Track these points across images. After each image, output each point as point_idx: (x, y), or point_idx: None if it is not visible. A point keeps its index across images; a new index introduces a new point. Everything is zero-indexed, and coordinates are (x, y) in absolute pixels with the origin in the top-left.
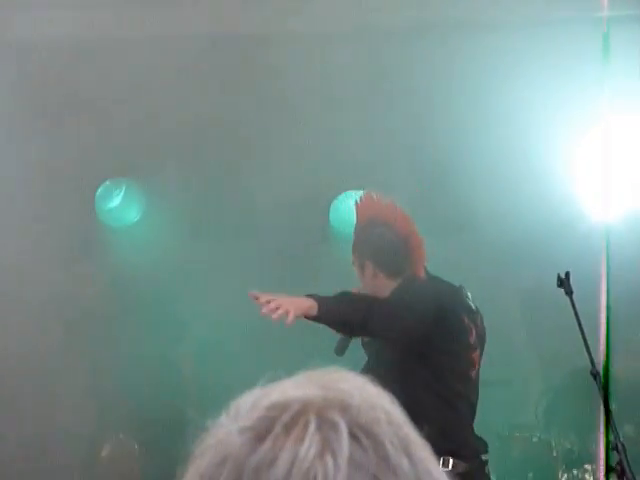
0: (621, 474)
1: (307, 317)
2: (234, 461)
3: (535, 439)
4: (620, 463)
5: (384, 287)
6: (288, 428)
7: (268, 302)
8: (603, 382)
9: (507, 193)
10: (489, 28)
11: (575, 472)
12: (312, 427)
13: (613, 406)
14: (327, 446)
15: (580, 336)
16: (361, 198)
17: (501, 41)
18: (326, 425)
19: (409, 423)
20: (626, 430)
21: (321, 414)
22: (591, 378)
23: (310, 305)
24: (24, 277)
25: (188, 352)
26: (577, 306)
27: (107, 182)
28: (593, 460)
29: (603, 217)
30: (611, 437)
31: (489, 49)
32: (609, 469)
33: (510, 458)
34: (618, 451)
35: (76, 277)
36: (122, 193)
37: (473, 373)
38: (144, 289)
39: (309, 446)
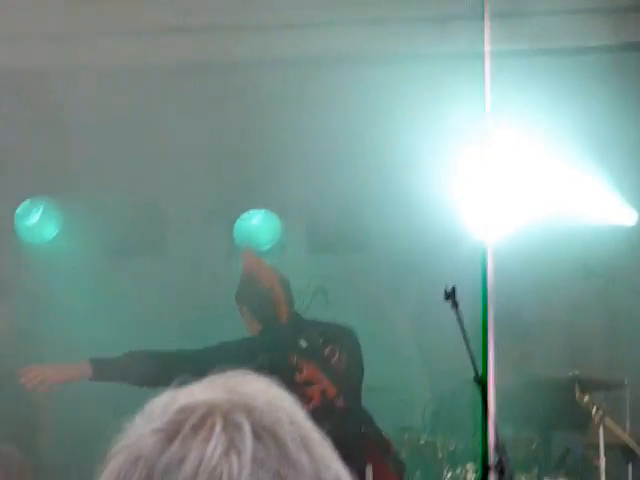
0: (501, 472)
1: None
2: (146, 460)
3: (422, 441)
4: (500, 462)
5: (257, 329)
6: (196, 429)
7: (28, 372)
8: (482, 389)
9: (398, 215)
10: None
11: (458, 470)
12: (218, 428)
13: (493, 411)
14: (232, 446)
15: (465, 347)
16: (244, 251)
17: (381, 74)
18: (231, 426)
19: (310, 422)
20: (506, 432)
21: (226, 416)
22: (474, 385)
23: (82, 371)
24: None
25: None
26: (463, 319)
27: (27, 201)
28: (475, 459)
29: (485, 236)
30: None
31: (369, 81)
32: (488, 467)
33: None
34: (498, 451)
35: None
36: (41, 211)
37: (310, 406)
38: (60, 304)
39: (215, 446)
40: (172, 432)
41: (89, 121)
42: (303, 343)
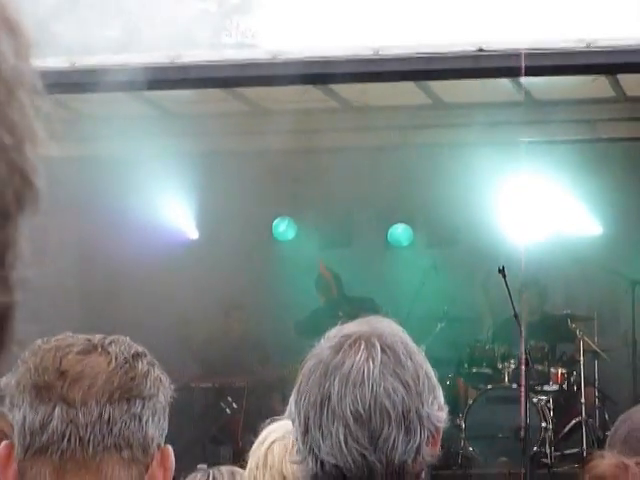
0: (527, 364)
1: None
2: (324, 363)
3: (487, 346)
4: (527, 359)
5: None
6: (351, 346)
7: None
8: (517, 321)
9: (477, 230)
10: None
11: (506, 363)
12: (362, 346)
13: (523, 333)
14: (370, 355)
15: (509, 298)
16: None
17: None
18: (369, 345)
19: (411, 341)
20: (530, 344)
21: (367, 340)
22: (513, 319)
23: None
24: None
25: None
26: (508, 283)
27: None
28: (514, 357)
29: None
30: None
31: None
32: (520, 362)
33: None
34: (526, 353)
35: None
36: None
37: None
38: None
39: (361, 355)
40: (338, 347)
41: None
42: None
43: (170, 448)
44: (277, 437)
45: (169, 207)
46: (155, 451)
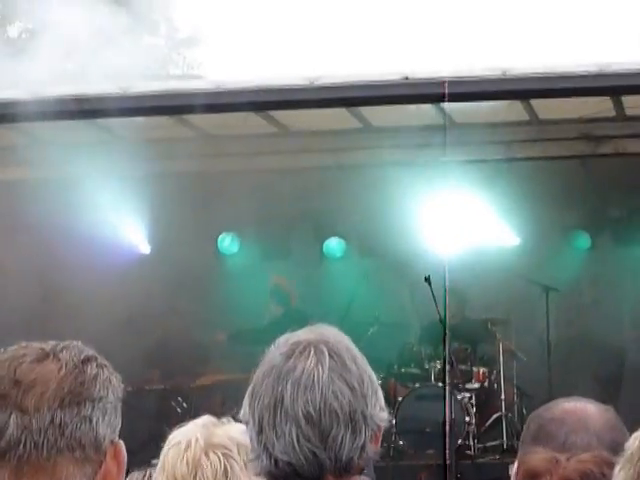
0: (451, 364)
1: None
2: (276, 367)
3: (415, 348)
4: (451, 359)
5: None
6: (301, 352)
7: None
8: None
9: (405, 243)
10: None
11: (432, 363)
12: (312, 352)
13: (448, 335)
14: (319, 361)
15: (434, 304)
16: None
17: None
18: (318, 351)
19: (355, 347)
20: (454, 346)
21: (316, 346)
22: (439, 324)
23: None
24: None
25: None
26: (433, 291)
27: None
28: (440, 358)
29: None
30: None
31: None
32: (446, 362)
33: None
34: (450, 354)
35: None
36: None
37: None
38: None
39: (311, 361)
40: (290, 353)
41: None
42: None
43: (122, 443)
44: (174, 443)
45: (123, 226)
46: (108, 447)
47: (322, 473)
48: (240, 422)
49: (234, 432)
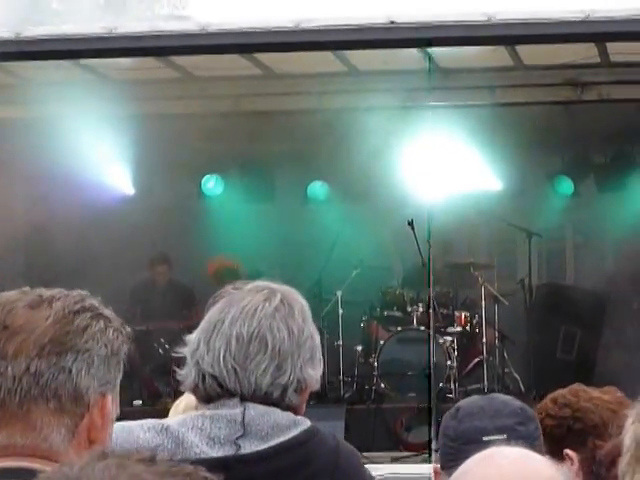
0: (434, 308)
1: None
2: (230, 296)
3: (397, 292)
4: (434, 303)
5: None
6: (257, 291)
7: None
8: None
9: (390, 190)
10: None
11: (415, 307)
12: (266, 291)
13: (431, 279)
14: (268, 298)
15: (417, 248)
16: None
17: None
18: (272, 293)
19: (310, 313)
20: (436, 290)
21: (272, 290)
22: (422, 267)
23: None
24: None
25: None
26: (417, 235)
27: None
28: (423, 302)
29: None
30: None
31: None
32: (429, 306)
33: None
34: (432, 298)
35: None
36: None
37: None
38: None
39: (261, 296)
40: (247, 289)
41: None
42: None
43: (108, 397)
44: (187, 401)
45: (108, 166)
46: (93, 400)
47: (243, 393)
48: None
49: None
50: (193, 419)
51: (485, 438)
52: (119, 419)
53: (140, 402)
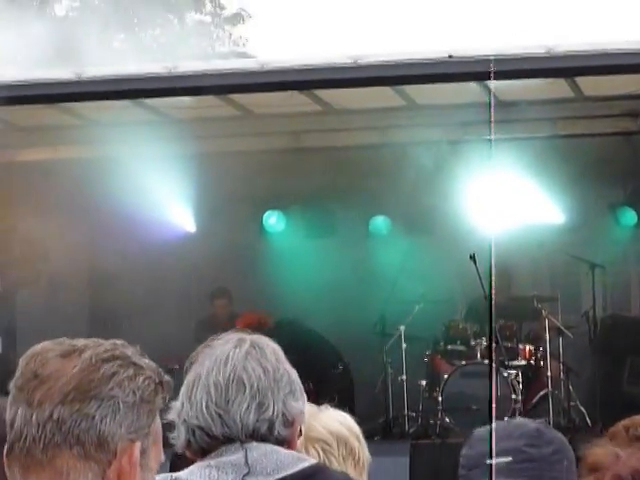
0: (497, 342)
1: None
2: (203, 354)
3: (461, 325)
4: (497, 337)
5: None
6: (226, 341)
7: None
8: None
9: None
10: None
11: (478, 340)
12: (234, 339)
13: (493, 312)
14: (238, 345)
15: (480, 283)
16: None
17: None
18: (241, 341)
19: (283, 354)
20: (499, 323)
21: (240, 338)
22: (484, 301)
23: None
24: None
25: None
26: (479, 269)
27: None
28: (485, 335)
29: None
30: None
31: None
32: (492, 340)
33: None
34: (495, 332)
35: None
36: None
37: None
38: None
39: (231, 345)
40: (217, 343)
41: None
42: None
43: (137, 445)
44: None
45: (169, 205)
46: (120, 447)
47: (231, 435)
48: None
49: (333, 424)
50: (200, 470)
51: (489, 461)
52: None
53: None
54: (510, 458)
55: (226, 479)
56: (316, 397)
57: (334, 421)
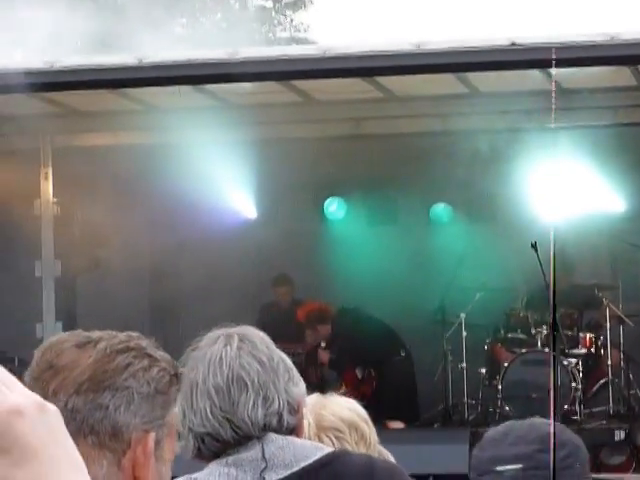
0: (557, 329)
1: None
2: (192, 357)
3: (522, 314)
4: (557, 325)
5: None
6: (213, 341)
7: None
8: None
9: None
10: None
11: (539, 328)
12: (221, 339)
13: (552, 302)
14: (227, 343)
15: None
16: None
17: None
18: (228, 338)
19: (271, 342)
20: (559, 311)
21: (227, 335)
22: (545, 289)
23: None
24: None
25: None
26: (540, 257)
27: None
28: (547, 323)
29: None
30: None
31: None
32: (553, 329)
33: None
34: (556, 320)
35: None
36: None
37: None
38: None
39: (219, 345)
40: (204, 344)
41: None
42: None
43: (151, 435)
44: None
45: (230, 191)
46: (135, 437)
47: (244, 435)
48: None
49: (343, 411)
50: (219, 468)
51: (499, 468)
52: None
53: None
54: (520, 465)
55: (244, 477)
56: (378, 383)
57: (343, 408)
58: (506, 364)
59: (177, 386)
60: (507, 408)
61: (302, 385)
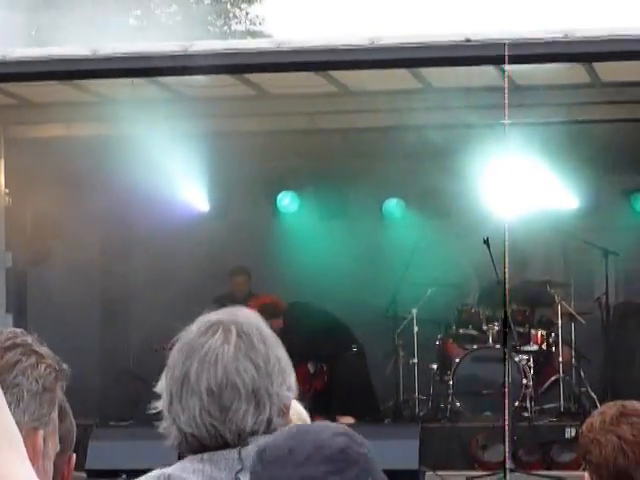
0: (509, 327)
1: None
2: (188, 344)
3: (473, 310)
4: (508, 320)
5: None
6: (211, 331)
7: None
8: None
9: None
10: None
11: (490, 325)
12: (220, 330)
13: (508, 297)
14: (226, 339)
15: (492, 266)
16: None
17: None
18: (227, 330)
19: (267, 328)
20: (513, 308)
21: (225, 326)
22: (498, 285)
23: None
24: None
25: None
26: (492, 253)
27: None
28: (498, 320)
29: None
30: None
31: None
32: (505, 324)
33: None
34: (507, 315)
35: None
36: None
37: None
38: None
39: (218, 339)
40: (201, 331)
41: None
42: None
43: (40, 433)
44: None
45: (183, 183)
46: (24, 434)
47: (227, 444)
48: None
49: (296, 405)
50: (193, 463)
51: None
52: None
53: None
54: None
55: (219, 474)
56: (330, 378)
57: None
58: (457, 360)
59: (62, 382)
60: (458, 404)
61: (293, 384)
